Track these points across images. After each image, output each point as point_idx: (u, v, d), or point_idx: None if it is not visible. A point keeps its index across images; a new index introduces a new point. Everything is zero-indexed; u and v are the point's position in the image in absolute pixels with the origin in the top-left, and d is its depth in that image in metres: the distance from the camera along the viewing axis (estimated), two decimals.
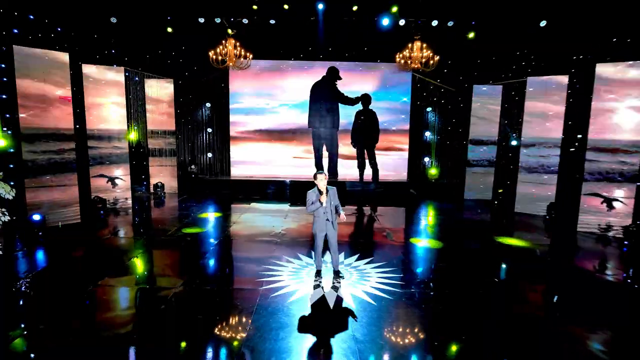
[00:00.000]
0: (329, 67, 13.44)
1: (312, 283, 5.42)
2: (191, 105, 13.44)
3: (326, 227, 5.47)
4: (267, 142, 13.83)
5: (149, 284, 5.39)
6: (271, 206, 11.09)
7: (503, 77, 12.01)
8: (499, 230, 8.86)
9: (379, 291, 5.17)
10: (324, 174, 5.41)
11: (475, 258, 6.71)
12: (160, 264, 6.33)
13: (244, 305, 4.69)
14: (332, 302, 4.85)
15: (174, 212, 10.17)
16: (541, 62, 10.89)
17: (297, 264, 6.19)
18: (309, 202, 5.43)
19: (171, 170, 12.68)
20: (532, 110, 10.29)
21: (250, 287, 5.24)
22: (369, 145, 13.79)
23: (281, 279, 5.54)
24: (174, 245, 7.22)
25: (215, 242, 7.33)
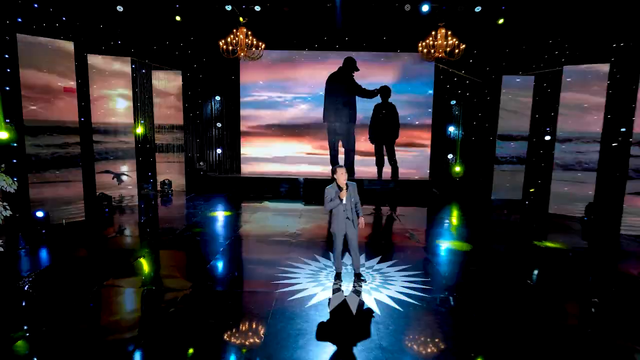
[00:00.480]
0: (346, 57, 13.25)
1: (332, 287, 5.25)
2: (200, 98, 13.41)
3: (346, 226, 5.29)
4: (279, 138, 13.71)
5: (156, 285, 5.29)
6: (284, 205, 10.97)
7: (534, 67, 11.64)
8: (532, 232, 8.57)
9: (405, 296, 4.96)
10: (344, 168, 5.24)
11: (508, 261, 6.44)
12: (168, 265, 6.24)
13: (259, 310, 4.54)
14: (354, 308, 4.67)
15: (182, 210, 10.12)
16: (577, 50, 10.50)
17: (314, 266, 6.02)
18: (327, 198, 5.27)
19: (179, 167, 12.66)
20: (569, 102, 9.92)
21: (264, 290, 5.09)
22: (388, 141, 13.56)
23: (298, 282, 5.37)
24: (182, 245, 7.13)
25: (226, 242, 7.21)
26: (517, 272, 6.00)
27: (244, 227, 8.30)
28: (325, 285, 5.30)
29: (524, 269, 6.17)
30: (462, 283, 5.53)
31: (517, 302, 4.93)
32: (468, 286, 5.41)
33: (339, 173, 5.20)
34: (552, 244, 7.43)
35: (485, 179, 12.80)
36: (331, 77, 13.38)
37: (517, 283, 5.59)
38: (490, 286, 5.43)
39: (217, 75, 13.27)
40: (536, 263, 6.47)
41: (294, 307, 4.64)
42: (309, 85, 13.45)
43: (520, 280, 5.68)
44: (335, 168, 5.26)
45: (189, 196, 11.85)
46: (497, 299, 5.00)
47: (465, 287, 5.35)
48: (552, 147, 10.79)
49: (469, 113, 13.29)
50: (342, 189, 5.19)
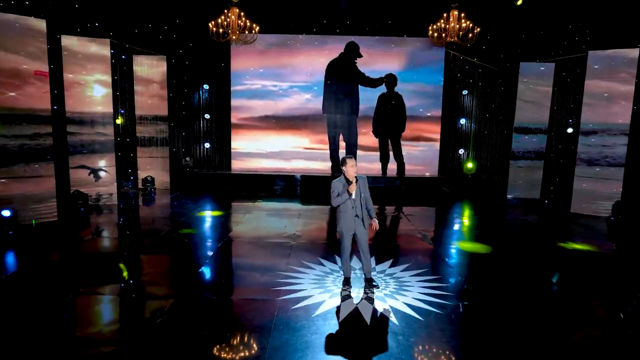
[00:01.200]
0: (348, 42, 13.01)
1: (340, 293, 5.00)
2: (186, 87, 13.10)
3: (355, 225, 5.06)
4: (274, 131, 13.44)
5: (140, 293, 5.01)
6: (280, 204, 10.71)
7: (552, 54, 11.49)
8: (555, 233, 8.40)
9: (425, 304, 4.73)
10: (354, 159, 5.01)
11: (533, 265, 6.24)
12: (153, 270, 5.95)
13: (259, 320, 4.28)
14: (368, 317, 4.42)
15: (166, 210, 9.83)
16: (602, 34, 10.33)
17: (319, 271, 5.77)
18: (334, 193, 5.03)
19: (162, 162, 12.35)
20: (594, 91, 9.76)
21: (265, 298, 4.83)
22: (393, 135, 13.35)
23: (302, 288, 5.12)
24: (169, 248, 6.85)
25: (217, 245, 6.94)
26: (544, 276, 5.80)
27: (237, 229, 8.03)
28: (332, 291, 5.06)
29: (551, 273, 5.97)
30: (486, 289, 5.30)
31: (548, 311, 4.71)
32: (493, 293, 5.18)
33: (348, 165, 4.96)
34: (579, 246, 7.25)
35: (501, 176, 12.64)
36: (331, 64, 13.14)
37: (545, 289, 5.38)
38: (517, 293, 5.21)
39: (205, 62, 12.98)
40: (564, 267, 6.27)
41: (299, 316, 4.38)
42: (307, 72, 13.20)
43: (549, 286, 5.47)
44: (344, 158, 5.02)
45: (174, 195, 11.54)
46: (527, 306, 4.78)
47: (490, 294, 5.13)
48: (574, 140, 10.63)
49: (483, 104, 13.11)
50: (350, 182, 4.95)
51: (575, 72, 10.80)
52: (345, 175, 5.01)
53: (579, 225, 8.95)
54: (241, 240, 7.27)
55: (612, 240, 7.95)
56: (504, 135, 12.67)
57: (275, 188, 12.68)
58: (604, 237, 8.13)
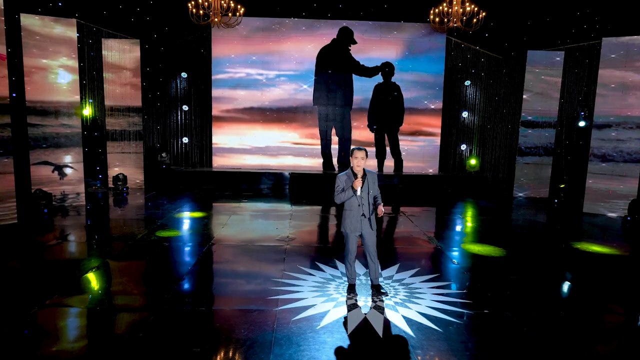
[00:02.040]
0: (341, 27, 12.83)
1: (346, 302, 4.79)
2: (162, 75, 12.73)
3: (361, 226, 4.86)
4: (259, 124, 13.17)
5: (118, 305, 4.70)
6: (267, 205, 10.47)
7: (560, 43, 11.50)
8: (570, 234, 8.38)
9: (441, 313, 4.55)
10: (364, 151, 4.80)
11: (552, 269, 6.14)
12: (131, 278, 5.63)
13: (257, 333, 4.03)
14: (379, 328, 4.21)
15: (142, 211, 9.48)
16: (613, 21, 10.35)
17: (319, 277, 5.55)
18: (338, 188, 4.84)
19: (136, 158, 11.96)
20: (608, 81, 9.77)
21: (261, 308, 4.58)
22: (390, 129, 13.22)
23: (302, 297, 4.89)
24: (147, 253, 6.53)
25: (202, 249, 6.66)
26: (565, 281, 5.70)
27: (223, 231, 7.75)
28: (337, 300, 4.84)
29: (572, 277, 5.87)
30: (505, 296, 5.16)
31: (574, 318, 4.58)
32: (513, 300, 5.04)
33: (356, 157, 4.75)
34: (598, 248, 7.19)
35: (506, 174, 12.62)
36: (323, 52, 12.93)
37: (569, 295, 5.26)
38: (539, 299, 5.08)
39: (183, 47, 12.64)
40: (585, 271, 6.18)
41: (302, 329, 4.15)
42: (296, 60, 12.96)
43: (571, 292, 5.36)
44: (353, 149, 4.82)
45: (149, 194, 11.18)
46: (552, 315, 4.65)
47: (510, 301, 4.98)
48: (586, 134, 10.65)
49: (487, 96, 13.07)
50: (357, 176, 4.74)
51: (587, 61, 10.81)
52: (352, 168, 4.80)
53: (594, 225, 8.93)
54: (228, 244, 6.99)
55: (632, 241, 7.92)
56: (510, 130, 12.64)
57: (261, 187, 12.41)
58: (623, 239, 8.11)
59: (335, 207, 10.44)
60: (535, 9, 11.68)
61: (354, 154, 4.76)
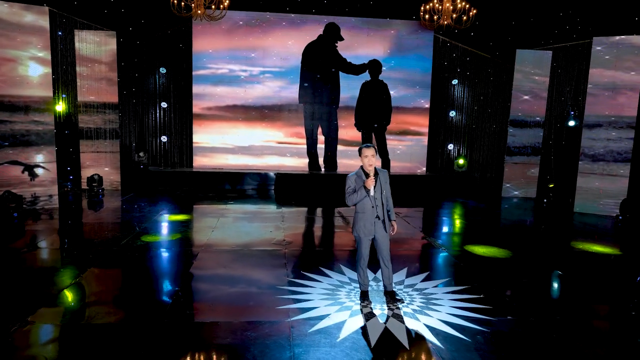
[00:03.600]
0: (328, 23, 12.55)
1: (361, 310, 4.51)
2: (139, 70, 12.13)
3: (375, 228, 4.60)
4: (243, 123, 12.74)
5: (112, 318, 4.27)
6: (255, 207, 10.11)
7: (550, 42, 11.57)
8: (568, 234, 8.40)
9: (464, 320, 4.32)
10: (373, 148, 4.55)
11: (562, 271, 6.04)
12: (120, 288, 5.18)
13: (274, 349, 3.69)
14: (404, 339, 3.95)
15: (122, 214, 8.93)
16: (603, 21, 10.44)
17: (326, 283, 5.25)
18: (349, 189, 4.58)
19: (112, 158, 11.34)
20: (598, 81, 9.85)
21: (272, 320, 4.24)
22: (377, 128, 13.03)
23: (313, 306, 4.57)
24: (135, 259, 6.07)
25: (195, 254, 6.24)
26: (576, 282, 5.59)
27: (214, 235, 7.33)
28: (351, 308, 4.55)
29: (582, 279, 5.78)
30: (525, 300, 4.99)
31: (598, 321, 4.46)
32: (533, 304, 4.87)
33: (368, 155, 4.50)
34: (599, 248, 7.17)
35: (495, 173, 12.63)
36: (309, 48, 12.62)
37: (584, 296, 5.14)
38: (558, 302, 4.94)
39: (162, 41, 12.07)
40: (591, 271, 6.12)
41: (322, 342, 3.84)
42: (281, 56, 12.61)
43: (587, 293, 5.25)
44: (361, 147, 4.58)
45: (127, 196, 10.60)
46: (576, 318, 4.50)
47: (530, 306, 4.81)
48: (576, 134, 10.73)
49: (475, 95, 13.05)
50: (369, 175, 4.47)
51: (575, 61, 10.89)
52: (363, 167, 4.54)
53: (588, 225, 8.96)
54: (222, 249, 6.59)
55: (629, 240, 7.96)
56: (498, 129, 12.66)
57: (245, 188, 12.00)
58: (618, 238, 8.15)
59: (323, 209, 10.17)
60: (524, 8, 11.70)
61: (363, 152, 4.51)
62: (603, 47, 9.70)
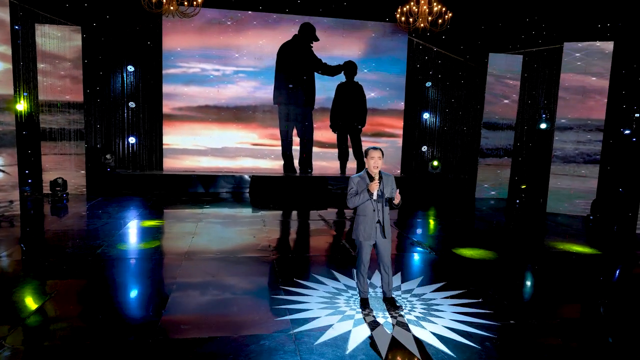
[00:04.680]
0: (303, 23, 12.36)
1: (364, 319, 4.35)
2: (105, 67, 11.52)
3: (376, 234, 4.45)
4: (215, 124, 12.37)
5: (87, 339, 3.92)
6: (233, 211, 9.81)
7: (519, 47, 11.84)
8: (546, 234, 8.58)
9: (469, 326, 4.24)
10: (379, 150, 4.42)
11: (550, 271, 6.12)
12: (102, 303, 4.79)
13: None
14: (414, 349, 3.82)
15: (92, 221, 8.39)
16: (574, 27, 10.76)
17: (322, 291, 5.06)
18: (352, 191, 4.44)
19: (76, 160, 10.71)
20: (569, 85, 10.14)
21: (273, 332, 4.01)
22: (353, 130, 12.96)
23: (314, 316, 4.38)
24: (115, 270, 5.67)
25: (179, 263, 5.90)
26: (564, 282, 5.67)
27: (195, 242, 6.99)
28: (353, 317, 4.38)
29: (569, 278, 5.87)
30: (521, 302, 4.99)
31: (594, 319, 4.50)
32: (531, 306, 4.88)
33: (375, 157, 4.38)
34: (579, 248, 7.33)
35: (468, 175, 12.81)
36: (284, 48, 12.39)
37: (575, 296, 5.21)
38: (554, 303, 4.97)
39: (130, 38, 11.51)
40: (581, 271, 6.23)
41: (331, 355, 3.65)
42: (255, 56, 12.32)
43: (577, 293, 5.32)
44: (367, 149, 4.45)
45: (94, 201, 10.01)
46: (577, 319, 4.53)
47: (529, 308, 4.81)
48: (548, 136, 11.02)
49: (448, 97, 13.20)
50: (373, 178, 4.34)
51: (546, 65, 11.18)
52: (368, 170, 4.40)
53: (563, 225, 9.19)
54: (206, 257, 6.27)
55: (604, 240, 8.18)
56: (470, 132, 12.86)
57: (219, 191, 11.62)
58: (595, 238, 8.37)
59: (303, 212, 9.98)
60: (495, 13, 11.93)
61: (369, 154, 4.37)
62: (573, 51, 9.99)
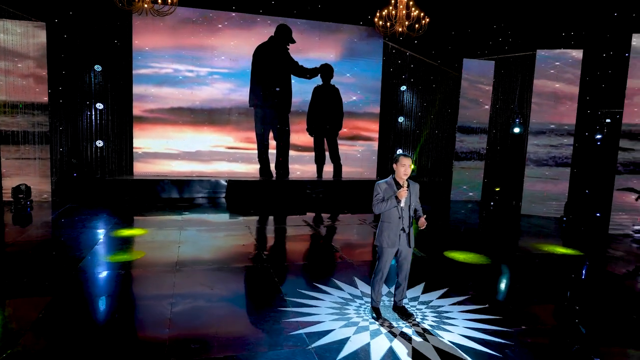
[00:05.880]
0: (279, 25, 12.17)
1: (381, 329, 4.27)
2: (73, 67, 10.88)
3: (399, 241, 4.41)
4: (189, 127, 11.95)
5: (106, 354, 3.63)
6: (214, 217, 9.53)
7: (492, 52, 12.18)
8: (529, 236, 8.86)
9: (484, 334, 4.26)
10: (409, 158, 4.40)
11: (543, 273, 6.28)
12: (101, 322, 4.45)
13: None
14: (436, 359, 3.77)
15: (65, 231, 7.84)
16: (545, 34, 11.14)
17: (328, 301, 4.94)
18: (379, 197, 4.38)
19: (41, 166, 10.04)
20: (541, 91, 10.50)
21: (292, 347, 3.85)
22: (330, 133, 12.90)
23: (328, 328, 4.26)
24: (102, 286, 5.31)
25: (173, 275, 5.59)
26: (561, 284, 5.83)
27: (182, 251, 6.67)
28: (369, 328, 4.29)
29: (569, 280, 6.04)
30: (527, 306, 5.06)
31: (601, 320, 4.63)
32: (537, 310, 4.96)
33: (406, 164, 4.36)
34: (564, 250, 7.58)
35: (443, 178, 13.02)
36: (260, 49, 12.15)
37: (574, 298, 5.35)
38: (559, 306, 5.07)
39: (97, 36, 10.91)
40: (574, 273, 6.42)
41: None
42: (230, 57, 12.01)
43: (576, 295, 5.47)
44: (398, 156, 4.40)
45: (63, 209, 9.42)
46: (587, 322, 4.63)
47: (536, 311, 4.89)
48: (522, 140, 11.37)
49: (423, 101, 13.37)
50: (401, 185, 4.28)
51: (519, 71, 11.53)
52: (396, 176, 4.34)
53: (539, 226, 9.49)
54: (200, 268, 5.97)
55: (582, 241, 8.50)
56: (447, 135, 13.09)
57: (195, 196, 11.24)
58: (572, 239, 8.68)
59: (285, 218, 9.80)
60: (471, 20, 12.20)
61: (400, 161, 4.32)
62: (545, 58, 10.36)
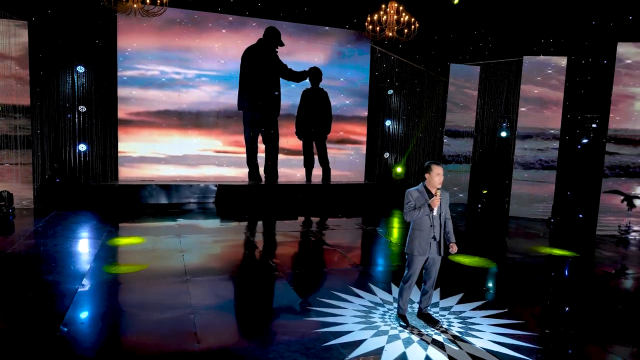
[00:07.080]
0: (268, 27, 12.02)
1: (412, 338, 4.24)
2: (54, 68, 10.40)
3: (430, 249, 4.39)
4: (176, 130, 11.64)
5: None
6: (209, 223, 9.45)
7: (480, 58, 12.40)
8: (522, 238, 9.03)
9: (512, 339, 4.29)
10: (441, 166, 4.41)
11: (551, 275, 6.42)
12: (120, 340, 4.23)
13: None
14: None
15: (54, 241, 7.44)
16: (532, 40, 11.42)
17: (351, 309, 4.87)
18: (410, 204, 4.37)
19: (22, 171, 9.58)
20: (527, 96, 10.79)
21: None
22: (318, 136, 12.84)
23: (358, 338, 4.19)
24: (109, 298, 5.06)
25: (185, 287, 5.38)
26: (570, 287, 5.97)
27: (188, 260, 6.44)
28: (400, 337, 4.25)
29: (573, 282, 6.19)
30: (544, 309, 5.15)
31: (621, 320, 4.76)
32: (556, 314, 5.05)
33: (434, 172, 4.35)
34: (559, 251, 7.78)
35: None
36: (248, 52, 11.97)
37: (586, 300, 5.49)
38: (575, 309, 5.19)
39: (80, 36, 10.47)
40: (580, 275, 6.59)
41: None
42: (219, 59, 11.78)
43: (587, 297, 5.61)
44: (429, 164, 4.39)
45: (48, 217, 8.97)
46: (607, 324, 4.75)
47: (555, 316, 4.98)
48: (508, 144, 11.63)
49: (410, 105, 13.50)
50: (432, 194, 4.27)
51: (505, 76, 11.78)
52: (427, 184, 4.31)
53: (529, 228, 9.75)
54: (211, 278, 5.77)
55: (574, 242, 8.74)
56: (434, 138, 13.25)
57: (184, 201, 10.96)
58: (563, 240, 8.92)
59: (283, 223, 9.68)
60: (456, 26, 12.38)
61: (434, 170, 4.31)
62: (532, 64, 10.65)
